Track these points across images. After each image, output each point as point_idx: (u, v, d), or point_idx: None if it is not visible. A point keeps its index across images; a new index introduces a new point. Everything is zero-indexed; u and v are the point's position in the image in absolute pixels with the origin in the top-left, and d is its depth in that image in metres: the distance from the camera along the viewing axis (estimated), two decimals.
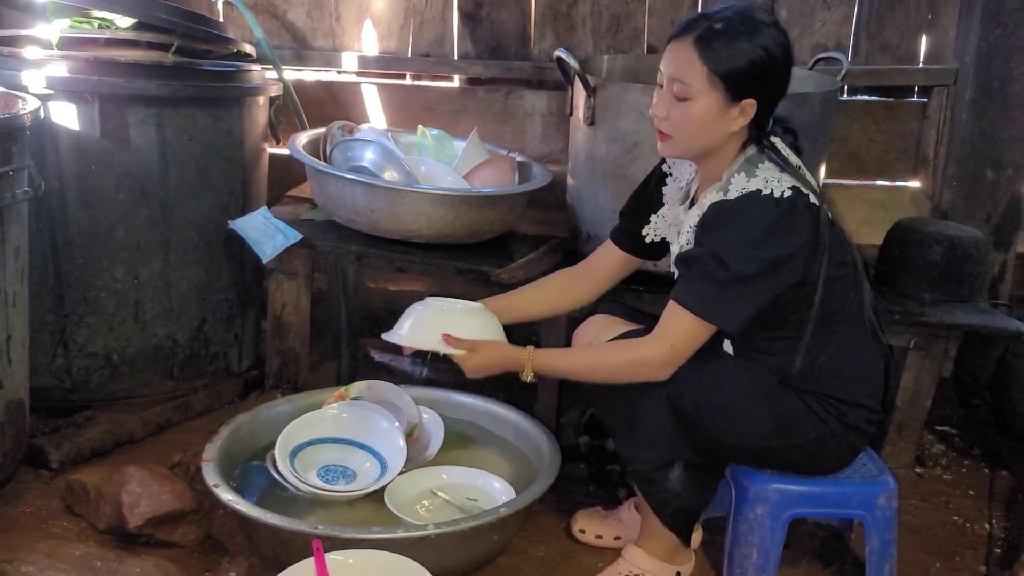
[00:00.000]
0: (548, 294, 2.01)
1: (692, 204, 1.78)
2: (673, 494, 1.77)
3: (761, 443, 1.74)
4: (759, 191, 1.61)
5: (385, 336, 1.90)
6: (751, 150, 1.69)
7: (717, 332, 1.67)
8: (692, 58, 1.61)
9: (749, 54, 1.59)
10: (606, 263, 1.98)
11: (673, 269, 1.79)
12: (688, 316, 1.64)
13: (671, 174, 1.88)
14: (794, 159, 1.71)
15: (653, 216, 1.90)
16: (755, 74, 1.61)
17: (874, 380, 1.78)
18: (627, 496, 2.11)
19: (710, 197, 1.67)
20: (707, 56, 1.60)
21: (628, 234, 1.95)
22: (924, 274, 2.40)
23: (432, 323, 1.87)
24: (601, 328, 1.88)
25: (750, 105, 1.63)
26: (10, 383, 2.01)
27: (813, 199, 1.63)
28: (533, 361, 1.78)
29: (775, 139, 1.71)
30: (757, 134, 1.68)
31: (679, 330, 1.65)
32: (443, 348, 1.82)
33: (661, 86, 1.68)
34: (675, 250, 1.80)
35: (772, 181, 1.62)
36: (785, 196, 1.60)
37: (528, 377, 1.80)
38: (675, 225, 1.84)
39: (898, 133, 2.98)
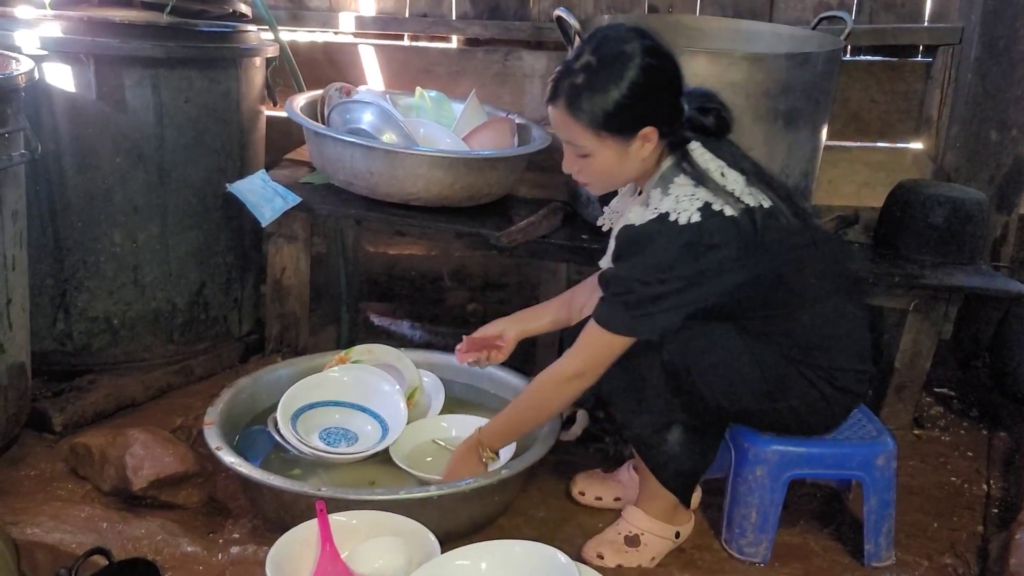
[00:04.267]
0: (573, 302, 2.00)
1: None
2: (671, 456, 1.79)
3: (753, 405, 1.75)
4: (667, 215, 1.60)
5: None
6: (667, 161, 1.67)
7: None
8: (570, 122, 1.62)
9: (619, 98, 1.57)
10: None
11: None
12: (604, 334, 1.66)
13: None
14: (716, 163, 1.66)
15: (606, 207, 1.91)
16: (636, 111, 1.59)
17: (858, 342, 1.77)
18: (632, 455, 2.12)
19: (634, 213, 1.66)
20: (581, 117, 1.60)
21: None
22: (925, 236, 2.39)
23: None
24: (595, 288, 1.88)
25: (650, 132, 1.61)
26: (11, 347, 2.01)
27: (730, 211, 1.60)
28: (481, 437, 1.84)
29: (693, 145, 1.67)
30: (673, 138, 1.66)
31: (593, 343, 1.69)
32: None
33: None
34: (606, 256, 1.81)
35: (683, 200, 1.60)
36: (692, 222, 1.58)
37: (490, 459, 1.85)
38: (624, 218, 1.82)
39: (901, 93, 2.95)
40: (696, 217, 1.59)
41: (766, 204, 1.65)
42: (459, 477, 1.84)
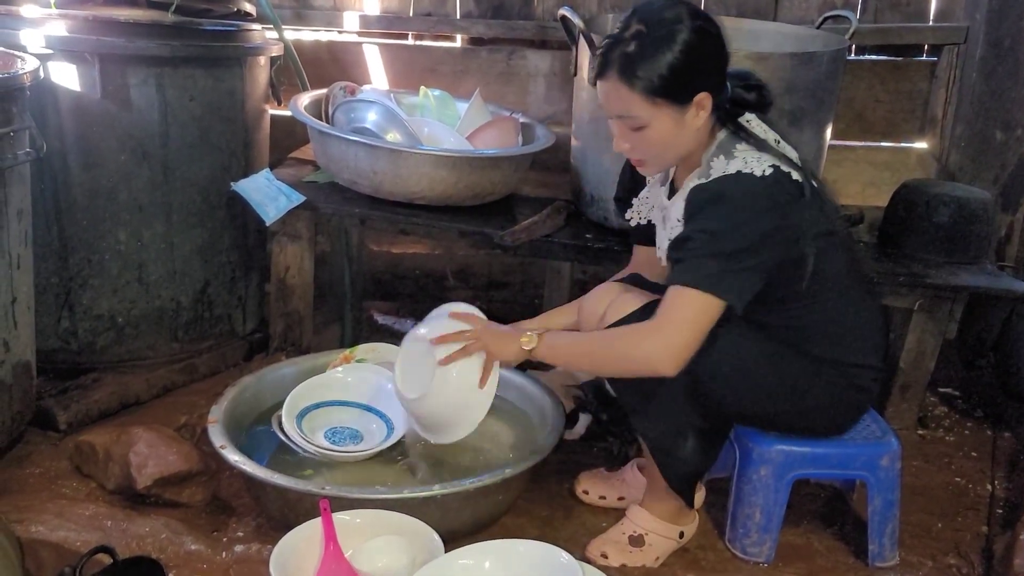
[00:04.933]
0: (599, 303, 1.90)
1: (673, 191, 1.75)
2: (684, 460, 1.78)
3: (770, 408, 1.74)
4: (739, 171, 1.58)
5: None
6: (723, 133, 1.66)
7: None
8: (624, 92, 1.57)
9: (674, 61, 1.54)
10: (643, 257, 1.94)
11: (663, 260, 1.76)
12: (692, 295, 1.55)
13: None
14: (772, 135, 1.68)
15: (635, 199, 1.88)
16: (691, 74, 1.56)
17: (875, 337, 1.78)
18: (637, 454, 2.12)
19: (693, 182, 1.65)
20: (636, 84, 1.55)
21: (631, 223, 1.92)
22: (930, 236, 2.38)
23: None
24: (614, 296, 1.81)
25: (704, 98, 1.59)
26: (16, 345, 2.02)
27: (796, 175, 1.61)
28: (544, 338, 1.71)
29: (749, 117, 1.68)
30: (724, 112, 1.65)
31: (684, 315, 1.56)
32: (457, 325, 1.82)
33: (611, 119, 1.64)
34: (663, 239, 1.78)
35: (752, 161, 1.59)
36: (767, 174, 1.58)
37: (529, 342, 1.72)
38: (659, 208, 1.81)
39: (906, 93, 2.95)
40: (769, 171, 1.58)
41: (815, 184, 1.65)
42: (493, 348, 1.77)
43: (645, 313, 1.67)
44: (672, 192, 1.76)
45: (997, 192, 2.75)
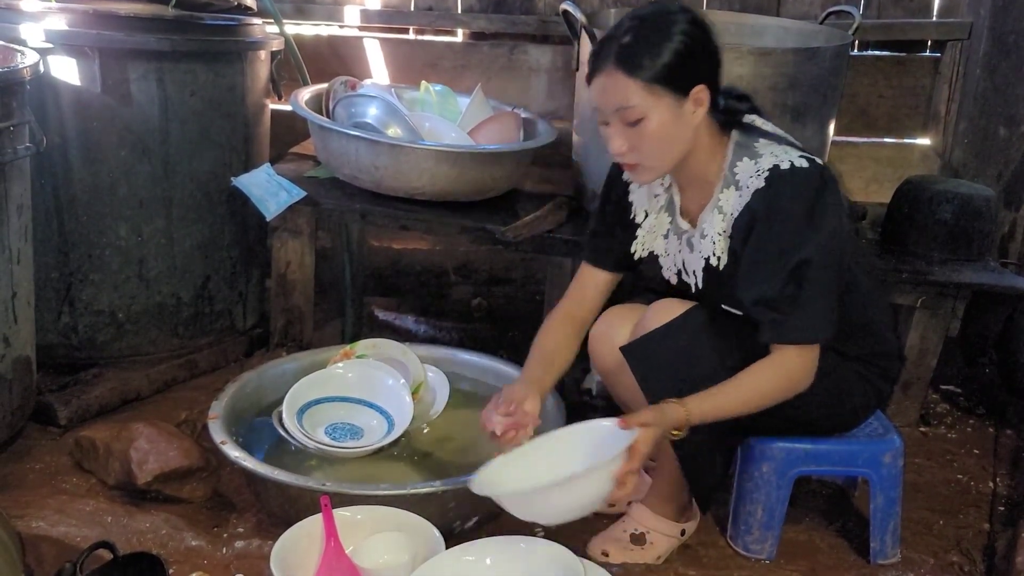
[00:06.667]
0: (564, 348, 1.82)
1: (682, 212, 1.72)
2: (713, 474, 1.78)
3: (814, 413, 1.73)
4: (777, 167, 1.56)
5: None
6: (736, 135, 1.64)
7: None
8: (622, 81, 1.54)
9: (673, 46, 1.53)
10: (597, 288, 1.85)
11: (672, 280, 1.73)
12: (802, 348, 1.60)
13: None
14: (781, 133, 1.67)
15: (640, 231, 1.79)
16: (688, 62, 1.54)
17: (888, 321, 1.83)
18: None
19: (727, 196, 1.62)
20: (635, 71, 1.52)
21: (608, 251, 1.83)
22: (933, 232, 2.38)
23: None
24: (618, 321, 1.82)
25: (701, 91, 1.56)
26: (16, 340, 2.01)
27: (820, 162, 1.61)
28: (691, 413, 1.58)
29: (752, 117, 1.67)
30: (722, 117, 1.63)
31: (811, 355, 1.61)
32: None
33: (606, 123, 1.59)
34: (692, 262, 1.71)
35: (780, 154, 1.58)
36: (805, 165, 1.56)
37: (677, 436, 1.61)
38: (677, 233, 1.75)
39: (909, 89, 2.94)
40: (804, 162, 1.57)
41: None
42: (655, 430, 1.55)
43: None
44: (683, 214, 1.72)
45: (1000, 189, 2.74)
